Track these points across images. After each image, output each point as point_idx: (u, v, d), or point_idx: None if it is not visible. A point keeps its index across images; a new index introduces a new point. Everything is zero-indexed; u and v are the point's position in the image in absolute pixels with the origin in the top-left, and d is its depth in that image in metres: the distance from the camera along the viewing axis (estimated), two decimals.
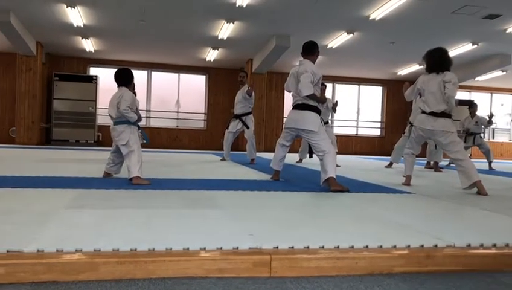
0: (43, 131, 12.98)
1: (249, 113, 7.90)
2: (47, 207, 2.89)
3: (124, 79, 4.53)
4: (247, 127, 7.77)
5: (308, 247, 2.13)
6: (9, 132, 12.91)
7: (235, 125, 7.92)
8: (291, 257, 1.99)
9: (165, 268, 1.85)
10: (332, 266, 2.00)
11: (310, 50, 4.79)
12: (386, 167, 8.36)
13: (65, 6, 8.78)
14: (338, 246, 2.16)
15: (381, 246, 2.20)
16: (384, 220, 2.90)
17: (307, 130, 4.57)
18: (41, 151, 9.16)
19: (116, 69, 4.68)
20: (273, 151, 5.18)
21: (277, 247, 2.09)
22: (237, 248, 2.05)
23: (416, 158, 5.31)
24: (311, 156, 5.71)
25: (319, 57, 4.98)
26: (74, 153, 9.24)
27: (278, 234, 2.36)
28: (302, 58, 4.80)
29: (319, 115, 4.67)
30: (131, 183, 4.21)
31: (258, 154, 7.99)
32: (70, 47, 12.35)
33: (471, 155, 14.36)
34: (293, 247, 2.11)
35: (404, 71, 14.20)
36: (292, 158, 8.50)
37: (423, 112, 4.91)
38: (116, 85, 4.54)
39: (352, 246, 2.17)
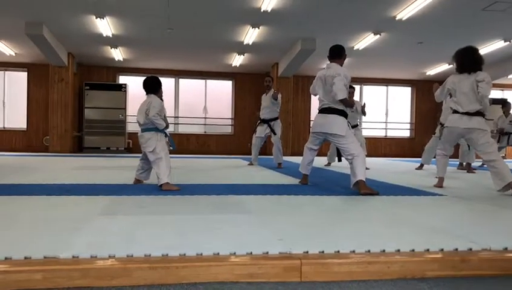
0: (76, 139, 13.32)
1: (277, 118, 7.90)
2: (81, 214, 2.96)
3: (153, 87, 4.61)
4: (274, 133, 7.79)
5: (338, 251, 2.11)
6: (44, 141, 13.30)
7: (263, 130, 7.92)
8: (322, 261, 1.98)
9: (196, 273, 1.87)
10: (364, 270, 1.98)
11: (338, 54, 4.78)
12: (416, 169, 8.20)
13: (94, 17, 9.01)
14: (369, 251, 2.13)
15: (413, 250, 2.16)
16: (416, 224, 2.85)
17: (334, 134, 4.54)
18: (74, 159, 9.40)
19: (144, 77, 4.76)
20: (301, 155, 5.17)
21: (307, 252, 2.08)
22: (267, 252, 2.06)
23: (449, 159, 5.20)
24: (340, 160, 5.66)
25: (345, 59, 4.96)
26: (105, 160, 9.44)
27: (307, 239, 2.35)
28: (328, 62, 4.78)
29: (346, 118, 4.64)
30: (161, 189, 4.27)
31: (285, 158, 7.98)
32: (100, 57, 12.65)
33: (505, 155, 13.96)
34: (323, 252, 2.10)
35: (433, 71, 13.92)
36: (321, 162, 8.45)
37: (455, 111, 4.81)
38: (145, 93, 4.63)
39: (384, 250, 2.14)
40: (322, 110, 4.69)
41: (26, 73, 13.50)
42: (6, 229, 2.45)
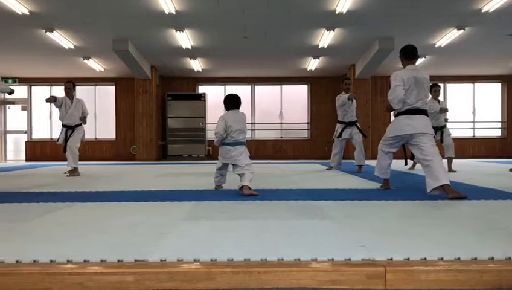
0: (160, 148, 14.00)
1: (357, 120, 7.80)
2: (167, 219, 3.11)
3: (239, 103, 4.88)
4: (365, 136, 7.67)
5: (425, 259, 2.01)
6: (131, 150, 14.13)
7: (347, 133, 7.75)
8: (408, 269, 1.90)
9: (278, 278, 1.88)
10: (454, 279, 1.87)
11: (417, 53, 4.64)
12: (510, 170, 7.61)
13: (174, 30, 9.45)
14: (459, 258, 2.01)
15: (509, 258, 2.00)
16: (511, 230, 2.64)
17: (424, 133, 4.40)
18: (158, 167, 9.89)
19: (222, 86, 4.92)
20: None
21: (391, 259, 2.01)
22: (349, 259, 2.02)
23: None
24: (406, 163, 5.51)
25: (426, 57, 4.75)
26: (187, 167, 9.82)
27: (391, 245, 2.27)
28: (412, 63, 4.60)
29: None
30: (241, 194, 4.36)
31: (366, 161, 7.77)
32: (180, 68, 13.22)
33: None
34: (408, 259, 2.01)
35: None
36: (402, 165, 8.14)
37: None
38: (228, 108, 4.84)
39: (475, 258, 2.01)
40: (407, 112, 4.51)
41: (114, 87, 14.47)
42: (100, 234, 2.63)
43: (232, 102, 4.84)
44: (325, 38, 10.03)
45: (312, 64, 12.62)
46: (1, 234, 2.63)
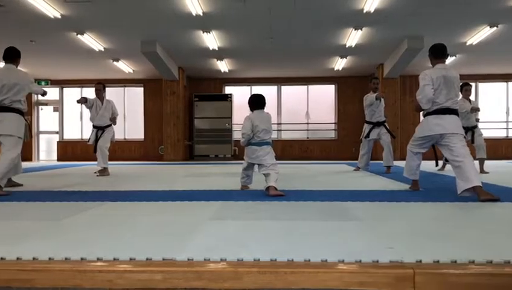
0: (187, 148, 14.15)
1: (385, 120, 7.70)
2: (194, 218, 3.14)
3: (263, 103, 4.86)
4: (394, 136, 7.56)
5: (455, 261, 1.97)
6: (159, 150, 14.33)
7: (375, 133, 7.65)
8: (437, 271, 1.86)
9: (304, 279, 1.87)
10: (486, 283, 1.82)
11: (446, 52, 4.54)
12: None
13: (201, 32, 9.53)
14: (491, 261, 1.96)
15: None
16: None
17: (455, 133, 4.31)
18: (186, 167, 9.99)
19: (248, 87, 4.93)
20: None
21: (420, 261, 1.98)
22: (377, 261, 1.99)
23: None
24: (437, 164, 5.40)
25: (457, 55, 4.65)
26: (214, 167, 9.89)
27: (420, 247, 2.22)
28: (441, 62, 4.51)
29: None
30: (267, 194, 4.36)
31: (394, 162, 7.65)
32: (207, 69, 13.33)
33: None
34: (438, 261, 1.97)
35: None
36: (431, 166, 7.99)
37: None
38: (253, 108, 4.83)
39: (509, 262, 1.95)
40: (436, 112, 4.42)
41: (142, 88, 14.71)
42: (129, 232, 2.68)
43: (257, 102, 4.85)
44: (353, 37, 9.93)
45: (339, 63, 12.52)
46: (34, 232, 2.71)
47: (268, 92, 12.86)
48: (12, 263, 2.03)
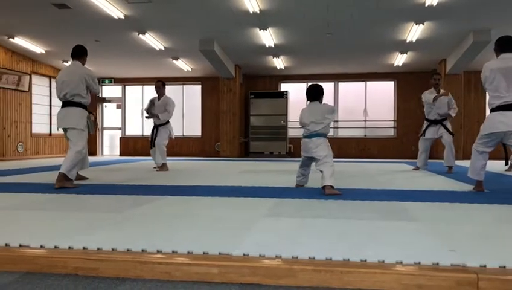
0: (242, 145, 14.30)
1: (446, 118, 7.34)
2: (250, 215, 3.17)
3: (321, 93, 4.82)
4: (452, 134, 7.22)
5: None
6: (215, 147, 14.59)
7: (434, 132, 7.36)
8: (504, 277, 1.77)
9: (361, 279, 1.84)
10: None
11: None
12: None
13: (258, 29, 9.59)
14: None
15: None
16: None
17: None
18: (241, 163, 10.10)
19: (304, 84, 4.91)
20: None
21: (485, 265, 1.88)
22: (437, 264, 1.92)
23: None
24: (507, 163, 5.08)
25: None
26: (269, 164, 9.93)
27: (484, 251, 2.12)
28: (505, 54, 4.26)
29: None
30: (323, 193, 4.31)
31: (457, 162, 7.31)
32: (263, 66, 13.38)
33: None
34: (504, 266, 1.87)
35: None
36: (498, 166, 7.58)
37: None
38: (310, 100, 4.77)
39: None
40: (500, 108, 4.18)
41: (200, 86, 15.02)
42: (187, 226, 2.75)
43: (308, 94, 4.80)
44: (414, 32, 9.59)
45: (399, 59, 12.13)
46: (99, 223, 2.85)
47: (325, 88, 12.67)
48: (79, 251, 2.15)
